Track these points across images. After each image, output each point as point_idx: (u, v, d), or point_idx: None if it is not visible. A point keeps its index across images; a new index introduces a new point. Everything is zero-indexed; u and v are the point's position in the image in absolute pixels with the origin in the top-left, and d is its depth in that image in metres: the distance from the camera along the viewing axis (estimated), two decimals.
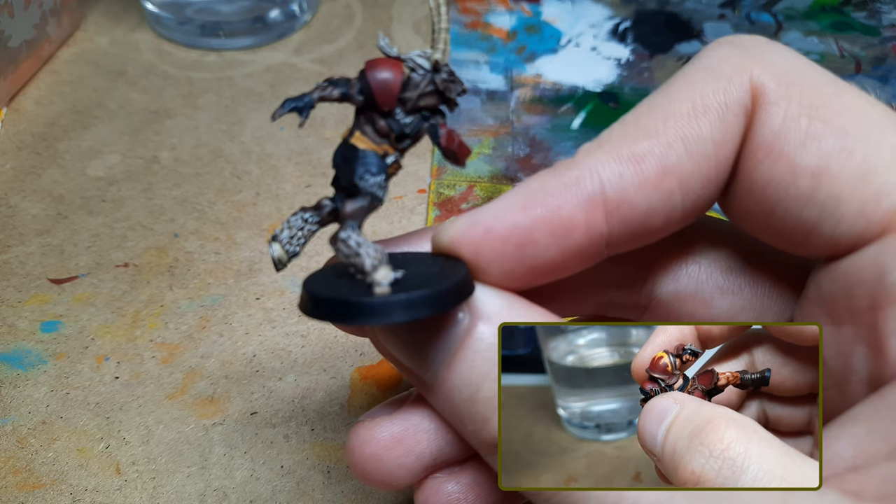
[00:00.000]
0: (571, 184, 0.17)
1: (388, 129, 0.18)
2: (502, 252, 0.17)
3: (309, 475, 0.29)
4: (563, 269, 0.18)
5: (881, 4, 0.52)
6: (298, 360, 0.32)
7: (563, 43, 0.49)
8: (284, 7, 0.49)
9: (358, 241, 0.18)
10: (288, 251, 0.19)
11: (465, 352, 0.17)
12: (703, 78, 0.17)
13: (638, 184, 0.17)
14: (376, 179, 0.18)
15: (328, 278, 0.18)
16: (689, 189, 0.17)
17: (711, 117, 0.17)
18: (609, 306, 0.22)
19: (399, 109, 0.18)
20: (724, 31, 0.50)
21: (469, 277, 0.18)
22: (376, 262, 0.17)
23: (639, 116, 0.18)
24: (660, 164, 0.17)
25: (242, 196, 0.39)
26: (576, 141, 0.42)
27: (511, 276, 0.18)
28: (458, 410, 0.18)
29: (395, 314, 0.16)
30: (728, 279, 0.20)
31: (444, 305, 0.17)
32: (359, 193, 0.18)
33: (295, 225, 0.19)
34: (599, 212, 0.17)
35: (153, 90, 0.45)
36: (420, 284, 0.17)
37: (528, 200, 0.17)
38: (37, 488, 0.28)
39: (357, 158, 0.18)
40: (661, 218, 0.17)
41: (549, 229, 0.17)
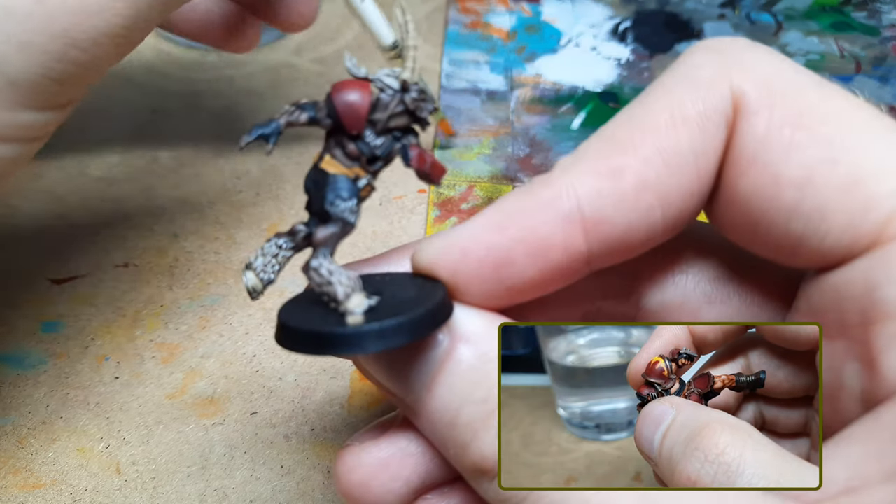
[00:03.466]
0: (548, 202, 0.17)
1: (358, 153, 0.18)
2: (480, 274, 0.17)
3: (309, 475, 0.29)
4: (542, 288, 0.18)
5: (881, 4, 0.52)
6: (298, 360, 0.32)
7: (563, 43, 0.49)
8: None
9: (330, 269, 0.17)
10: (262, 279, 0.19)
11: (445, 375, 0.17)
12: (680, 87, 0.17)
13: (616, 200, 0.17)
14: (347, 205, 0.18)
15: (303, 306, 0.18)
16: (669, 203, 0.17)
17: (690, 128, 0.16)
18: (597, 315, 0.22)
19: (369, 131, 0.18)
20: (725, 31, 0.50)
21: (446, 300, 0.17)
22: (349, 290, 0.17)
23: (616, 129, 0.17)
24: (637, 180, 0.16)
25: (242, 196, 0.39)
26: (576, 141, 0.42)
27: (490, 297, 0.17)
28: (440, 434, 0.17)
29: (368, 344, 0.16)
30: (716, 288, 0.20)
31: (419, 333, 0.16)
32: (330, 219, 0.18)
33: (269, 252, 0.19)
34: (578, 230, 0.17)
35: (153, 90, 0.45)
36: (395, 310, 0.16)
37: (503, 220, 0.17)
38: (37, 488, 0.28)
39: (327, 184, 0.18)
40: (641, 233, 0.17)
41: (526, 249, 0.17)
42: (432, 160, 0.18)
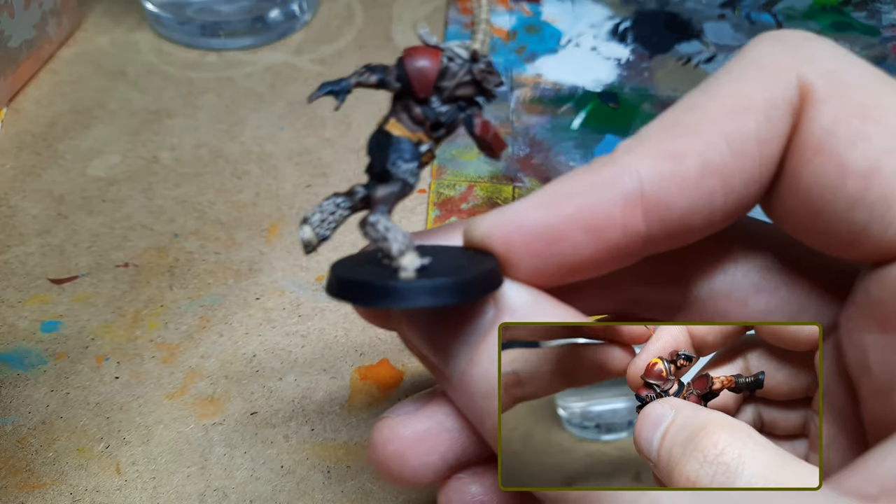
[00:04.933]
0: (609, 181, 0.17)
1: (423, 117, 0.18)
2: (533, 249, 0.17)
3: (309, 475, 0.29)
4: (596, 268, 0.18)
5: (881, 4, 0.52)
6: (298, 360, 0.32)
7: (563, 43, 0.49)
8: (284, 7, 0.49)
9: (386, 226, 0.18)
10: (318, 234, 0.19)
11: (488, 346, 0.17)
12: (748, 74, 0.17)
13: (678, 182, 0.16)
14: (408, 166, 0.18)
15: (356, 263, 0.19)
16: (731, 188, 0.17)
17: (756, 114, 0.16)
18: (638, 304, 0.22)
19: (435, 98, 0.18)
20: (724, 32, 0.50)
21: (497, 270, 0.18)
22: (403, 248, 0.17)
23: (680, 113, 0.17)
24: (701, 163, 0.16)
25: (242, 196, 0.39)
26: (576, 141, 0.42)
27: (541, 274, 0.18)
28: (477, 406, 0.17)
29: (418, 299, 0.16)
30: (765, 278, 0.20)
31: (469, 295, 0.16)
32: (391, 179, 0.18)
33: (327, 209, 0.19)
34: (637, 210, 0.17)
35: (153, 90, 0.45)
36: (447, 273, 0.17)
37: (562, 196, 0.17)
38: (37, 488, 0.28)
39: (391, 145, 0.18)
40: (701, 218, 0.17)
41: (582, 227, 0.17)
42: (495, 132, 0.19)
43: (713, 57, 0.48)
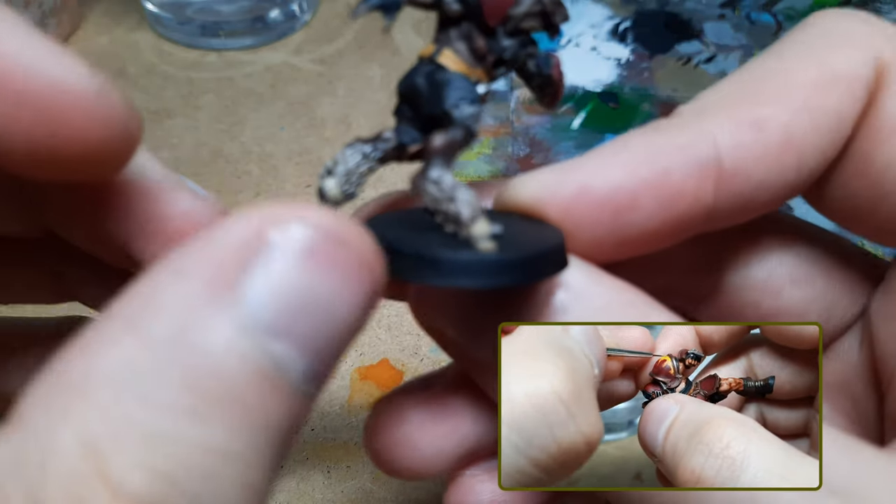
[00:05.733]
0: (684, 146, 0.15)
1: (486, 50, 0.15)
2: (597, 217, 0.15)
3: (309, 475, 0.29)
4: (656, 242, 0.16)
5: (881, 4, 0.52)
6: None
7: (563, 43, 0.49)
8: (284, 7, 0.49)
9: (453, 184, 0.14)
10: (344, 191, 0.16)
11: None
12: (826, 45, 0.16)
13: (759, 153, 0.15)
14: (472, 109, 0.15)
15: (400, 225, 0.15)
16: (804, 164, 0.15)
17: (840, 88, 0.15)
18: (667, 293, 0.20)
19: (500, 29, 0.15)
20: (724, 31, 0.50)
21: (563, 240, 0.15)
22: (475, 213, 0.14)
23: (753, 79, 0.16)
24: (783, 134, 0.15)
25: (242, 196, 0.39)
26: (576, 141, 0.42)
27: (599, 246, 0.15)
28: None
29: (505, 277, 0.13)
30: (800, 269, 0.18)
31: (560, 266, 0.14)
32: (452, 124, 0.15)
33: (352, 159, 0.16)
34: (711, 180, 0.15)
35: (153, 90, 0.45)
36: (519, 245, 0.14)
37: (633, 158, 0.15)
38: None
39: (449, 82, 0.15)
40: (770, 193, 0.16)
41: (655, 194, 0.15)
42: (563, 78, 0.16)
43: (713, 57, 0.48)
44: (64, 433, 0.10)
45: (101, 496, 0.09)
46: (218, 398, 0.10)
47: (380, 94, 0.44)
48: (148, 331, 0.10)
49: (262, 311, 0.11)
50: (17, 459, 0.10)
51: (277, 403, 0.11)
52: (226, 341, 0.10)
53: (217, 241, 0.11)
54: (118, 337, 0.10)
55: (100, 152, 0.14)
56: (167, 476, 0.10)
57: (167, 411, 0.10)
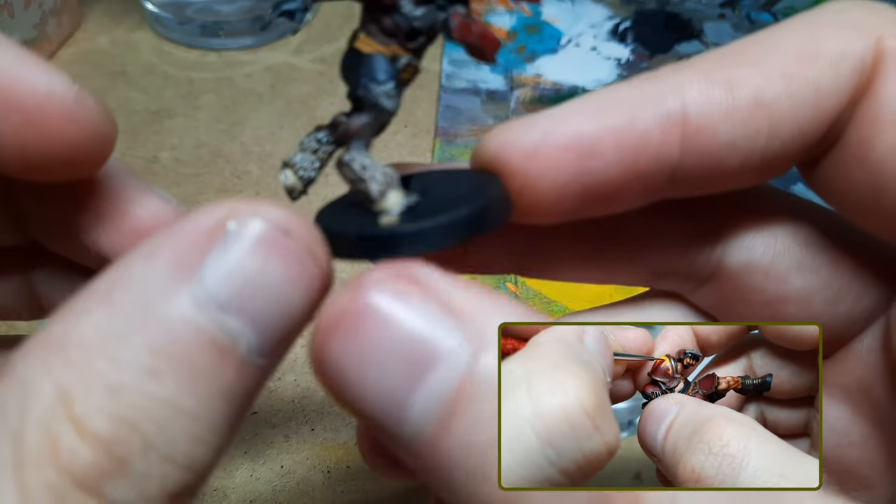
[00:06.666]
0: (651, 97, 0.15)
1: (394, 27, 0.16)
2: (560, 161, 0.15)
3: (309, 475, 0.29)
4: (618, 197, 0.16)
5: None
6: (298, 360, 0.32)
7: (563, 43, 0.49)
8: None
9: (363, 164, 0.15)
10: (302, 177, 0.17)
11: (470, 398, 0.12)
12: (822, 23, 0.16)
13: (726, 111, 0.15)
14: (382, 88, 0.16)
15: (342, 207, 0.16)
16: (776, 133, 0.15)
17: (822, 63, 0.15)
18: (664, 275, 0.20)
19: (406, 1, 0.16)
20: (724, 31, 0.50)
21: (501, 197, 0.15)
22: (383, 188, 0.15)
23: (740, 45, 0.16)
24: (754, 95, 0.15)
25: (242, 196, 0.39)
26: None
27: (562, 195, 0.15)
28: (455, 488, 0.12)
29: (402, 247, 0.14)
30: (807, 255, 0.18)
31: (461, 234, 0.14)
32: (364, 106, 0.16)
33: (308, 147, 0.17)
34: (676, 133, 0.15)
35: (153, 90, 0.45)
36: (438, 209, 0.14)
37: (599, 107, 0.15)
38: None
39: (361, 65, 0.16)
40: (738, 158, 0.15)
41: (617, 142, 0.15)
42: (481, 30, 0.16)
43: None
44: (44, 382, 0.12)
45: (70, 434, 0.11)
46: (175, 361, 0.12)
47: None
48: (118, 302, 0.12)
49: (218, 290, 0.12)
50: (5, 402, 0.12)
51: (228, 370, 0.13)
52: (184, 313, 0.12)
53: (183, 229, 0.13)
54: (93, 306, 0.12)
55: (79, 152, 0.16)
56: (126, 420, 0.12)
57: (131, 369, 0.12)
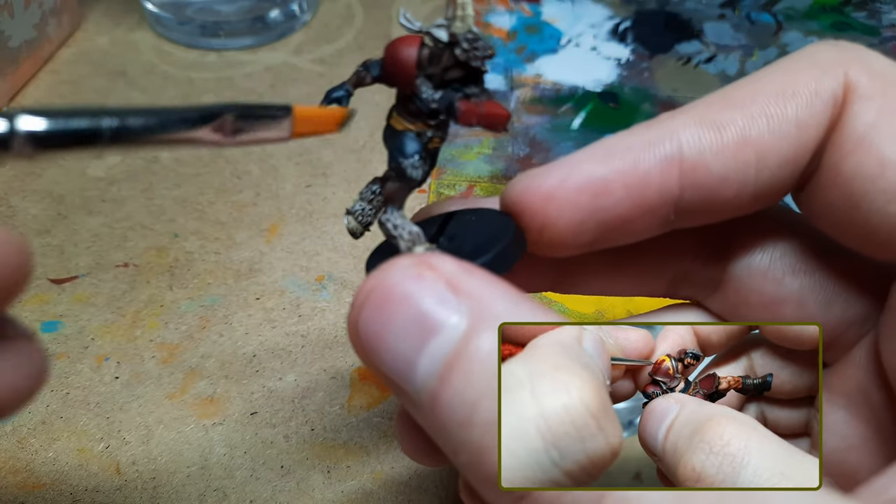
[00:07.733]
0: (650, 142, 0.18)
1: (417, 110, 0.18)
2: (576, 201, 0.18)
3: (309, 475, 0.29)
4: (630, 230, 0.18)
5: (881, 4, 0.52)
6: (298, 360, 0.32)
7: (563, 43, 0.49)
8: (284, 7, 0.49)
9: (395, 224, 0.19)
10: (361, 222, 0.20)
11: (463, 361, 0.15)
12: (797, 67, 0.18)
13: (716, 149, 0.17)
14: (409, 161, 0.19)
15: (385, 254, 0.19)
16: (764, 165, 0.17)
17: (799, 101, 0.17)
18: (681, 282, 0.22)
19: (425, 87, 0.18)
20: (724, 31, 0.50)
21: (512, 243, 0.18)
22: (410, 245, 0.18)
23: (727, 91, 0.18)
24: (740, 134, 0.17)
25: (242, 196, 0.39)
26: (576, 141, 0.42)
27: (579, 230, 0.18)
28: (450, 436, 0.15)
29: None
30: (801, 261, 0.20)
31: None
32: (395, 175, 0.19)
33: (366, 197, 0.20)
34: (675, 172, 0.18)
35: (153, 90, 0.45)
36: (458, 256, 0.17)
37: (607, 153, 0.18)
38: (37, 488, 0.28)
39: (394, 139, 0.19)
40: (732, 189, 0.18)
41: (625, 182, 0.18)
42: (486, 111, 0.18)
43: (713, 57, 0.48)
44: None
45: None
46: None
47: (379, 96, 0.44)
48: None
49: None
50: None
51: None
52: None
53: None
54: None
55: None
56: None
57: None
